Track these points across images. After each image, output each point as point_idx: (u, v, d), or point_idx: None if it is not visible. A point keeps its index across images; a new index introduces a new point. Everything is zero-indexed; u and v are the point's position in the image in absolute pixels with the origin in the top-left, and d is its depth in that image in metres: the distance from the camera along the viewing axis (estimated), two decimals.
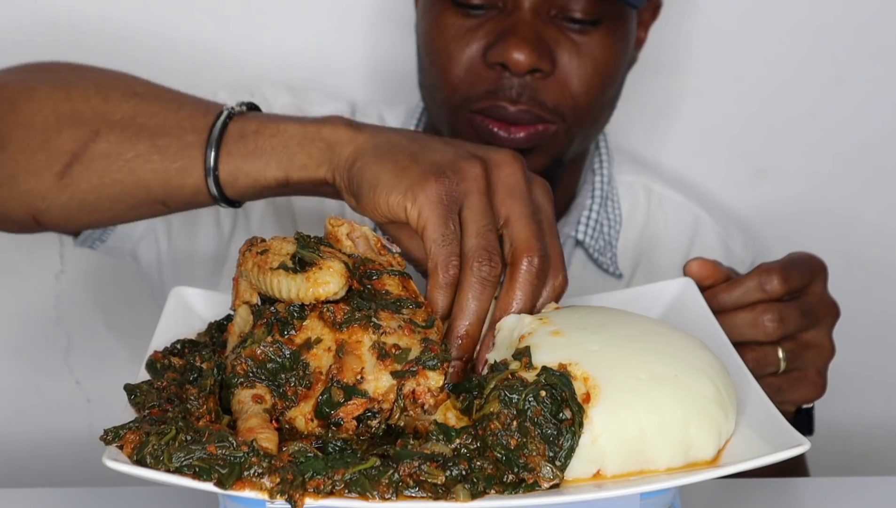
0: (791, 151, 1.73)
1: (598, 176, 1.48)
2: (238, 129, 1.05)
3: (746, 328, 1.08)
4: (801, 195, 1.74)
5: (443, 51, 1.32)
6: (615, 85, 1.36)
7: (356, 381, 0.86)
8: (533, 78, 1.29)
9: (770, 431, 0.86)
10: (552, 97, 1.30)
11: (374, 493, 0.79)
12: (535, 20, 1.29)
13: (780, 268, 1.08)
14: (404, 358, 0.86)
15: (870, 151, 1.73)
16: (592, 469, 0.84)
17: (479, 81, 1.31)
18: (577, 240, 1.46)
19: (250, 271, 0.92)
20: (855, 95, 1.70)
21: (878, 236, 1.75)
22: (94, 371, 1.71)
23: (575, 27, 1.31)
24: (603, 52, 1.32)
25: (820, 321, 1.12)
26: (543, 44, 1.29)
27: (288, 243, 0.91)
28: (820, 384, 1.14)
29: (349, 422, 0.86)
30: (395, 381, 0.86)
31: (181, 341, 0.99)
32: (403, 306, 0.90)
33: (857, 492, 1.17)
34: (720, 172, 1.73)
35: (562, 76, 1.30)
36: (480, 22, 1.31)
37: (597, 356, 0.87)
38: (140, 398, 0.89)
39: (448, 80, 1.32)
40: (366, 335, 0.87)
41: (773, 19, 1.68)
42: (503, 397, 0.84)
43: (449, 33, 1.32)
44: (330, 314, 0.88)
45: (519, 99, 1.29)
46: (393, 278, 0.93)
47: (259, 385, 0.87)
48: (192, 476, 0.80)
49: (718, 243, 1.54)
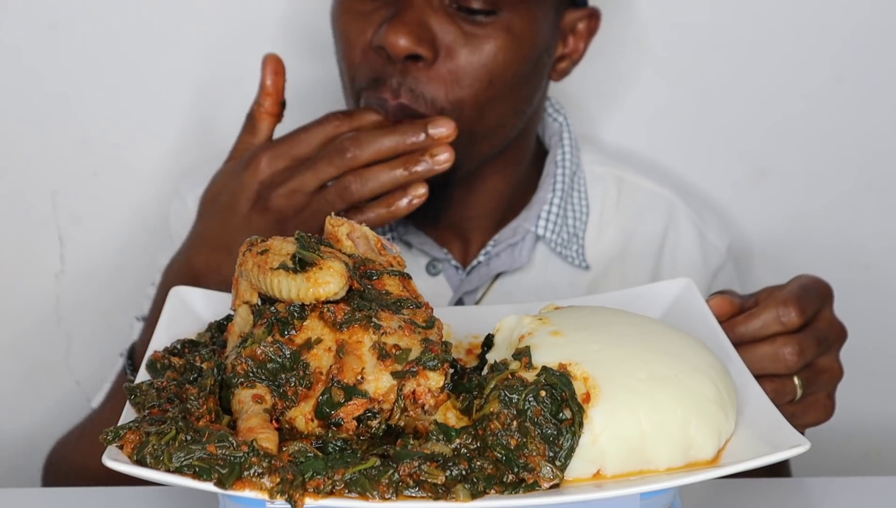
0: (791, 151, 1.73)
1: (560, 169, 1.46)
2: (140, 351, 1.21)
3: (767, 361, 1.08)
4: (801, 195, 1.73)
5: (342, 34, 1.32)
6: (507, 83, 1.31)
7: (356, 381, 0.86)
8: (415, 66, 1.27)
9: (770, 431, 0.86)
10: (433, 89, 1.27)
11: (375, 493, 0.79)
12: (423, 6, 1.27)
13: (797, 300, 1.09)
14: (405, 359, 0.86)
15: (870, 151, 1.73)
16: (592, 469, 0.84)
17: (366, 66, 1.30)
18: (537, 235, 1.45)
19: (250, 271, 0.92)
20: (855, 95, 1.70)
21: (878, 236, 1.75)
22: (94, 371, 1.71)
23: (469, 17, 1.28)
24: (493, 44, 1.28)
25: (831, 345, 1.12)
26: (426, 30, 1.26)
27: (288, 243, 0.91)
28: (830, 407, 1.14)
29: (349, 422, 0.86)
30: (396, 381, 0.86)
31: (181, 340, 0.99)
32: (404, 307, 0.90)
33: (857, 492, 1.17)
34: (720, 172, 1.73)
35: (445, 67, 1.27)
36: (377, 7, 1.30)
37: (597, 356, 0.87)
38: (140, 398, 0.89)
39: (345, 63, 1.32)
40: (366, 336, 0.87)
41: (773, 19, 1.68)
42: (503, 397, 0.84)
43: (347, 17, 1.32)
44: (330, 315, 0.88)
45: (399, 91, 1.27)
46: (393, 279, 0.93)
47: (259, 385, 0.87)
48: (193, 475, 0.80)
49: (692, 229, 1.54)
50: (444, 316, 1.10)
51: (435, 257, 1.44)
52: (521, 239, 1.44)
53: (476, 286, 1.44)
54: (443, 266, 1.45)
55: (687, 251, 1.53)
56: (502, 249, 1.44)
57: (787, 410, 1.11)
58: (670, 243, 1.53)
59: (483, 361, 0.96)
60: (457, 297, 1.43)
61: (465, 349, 1.07)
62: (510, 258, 1.44)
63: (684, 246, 1.53)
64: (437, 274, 1.45)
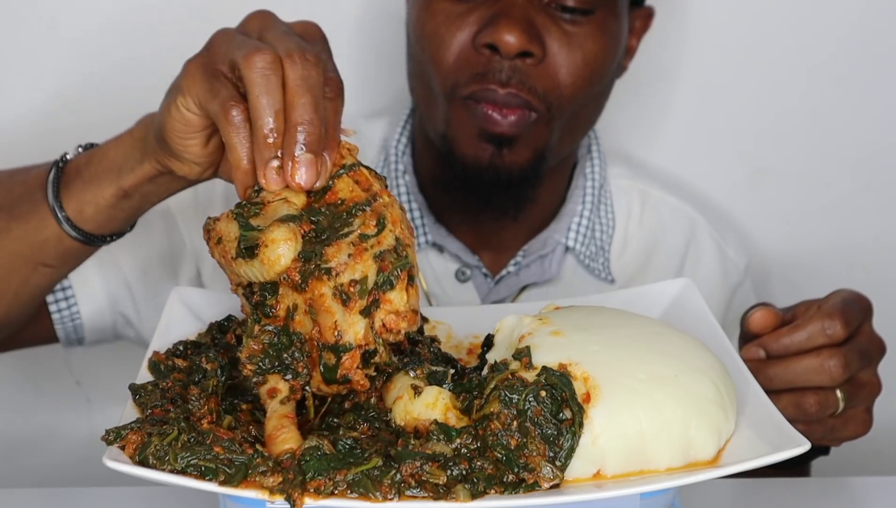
0: (791, 151, 1.73)
1: (589, 181, 1.48)
2: (73, 168, 1.13)
3: (812, 373, 1.08)
4: (801, 195, 1.74)
5: (433, 36, 1.32)
6: (603, 81, 1.36)
7: (336, 338, 0.85)
8: (523, 63, 1.29)
9: (770, 431, 0.86)
10: (542, 84, 1.30)
11: (377, 494, 0.79)
12: (526, 5, 1.30)
13: (841, 313, 1.09)
14: (365, 290, 0.85)
15: (870, 151, 1.73)
16: (592, 469, 0.84)
17: (468, 65, 1.31)
18: (567, 247, 1.45)
19: (221, 264, 0.91)
20: (855, 95, 1.70)
21: (878, 236, 1.75)
22: (94, 371, 1.71)
23: (566, 17, 1.31)
24: (593, 44, 1.32)
25: (872, 359, 1.13)
26: (534, 28, 1.29)
27: (231, 224, 0.89)
28: (869, 422, 1.15)
29: (356, 374, 0.85)
30: (366, 321, 0.85)
31: (183, 342, 0.99)
32: (355, 215, 0.87)
33: (857, 492, 1.17)
34: (719, 172, 1.73)
35: (551, 64, 1.30)
36: (471, 7, 1.31)
37: (597, 356, 0.87)
38: (144, 398, 0.89)
39: (438, 65, 1.32)
40: (324, 286, 0.85)
41: (773, 19, 1.68)
42: (503, 397, 0.84)
43: (439, 18, 1.32)
44: (288, 280, 0.87)
45: (508, 82, 1.29)
46: (342, 180, 0.90)
47: (270, 376, 0.87)
48: (198, 476, 0.80)
49: (713, 246, 1.54)
50: (445, 316, 1.10)
51: (466, 264, 1.44)
52: (551, 251, 1.44)
53: (504, 297, 1.44)
54: (472, 274, 1.44)
55: (707, 267, 1.53)
56: (532, 260, 1.44)
57: (827, 423, 1.11)
58: (691, 259, 1.53)
59: (483, 361, 0.96)
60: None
61: (465, 349, 1.07)
62: (540, 270, 1.44)
63: (705, 262, 1.54)
64: (466, 281, 1.44)
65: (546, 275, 1.43)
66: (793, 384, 1.08)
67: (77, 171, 1.12)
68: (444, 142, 1.35)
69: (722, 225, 1.59)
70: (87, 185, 1.10)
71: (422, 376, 0.90)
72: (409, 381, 0.89)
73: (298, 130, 0.87)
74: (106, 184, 1.09)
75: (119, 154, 1.09)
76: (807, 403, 1.07)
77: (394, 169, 1.46)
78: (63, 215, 1.11)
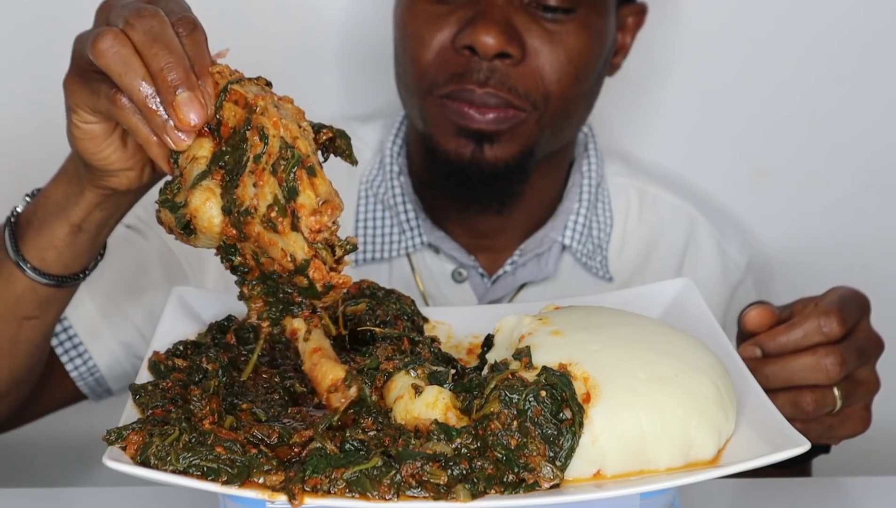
0: (791, 151, 1.73)
1: (586, 179, 1.48)
2: (24, 219, 1.13)
3: (809, 371, 1.07)
4: (801, 195, 1.74)
5: (414, 36, 1.33)
6: (590, 78, 1.36)
7: (291, 261, 0.86)
8: (502, 63, 1.30)
9: (770, 431, 0.86)
10: (523, 84, 1.31)
11: (375, 493, 0.79)
12: (506, 6, 1.30)
13: (838, 310, 1.08)
14: (282, 207, 0.85)
15: (870, 151, 1.73)
16: (592, 469, 0.84)
17: (447, 65, 1.31)
18: (563, 245, 1.45)
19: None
20: (855, 95, 1.70)
21: (878, 236, 1.75)
22: None
23: (548, 16, 1.31)
24: (576, 41, 1.32)
25: (870, 357, 1.12)
26: (513, 29, 1.30)
27: (164, 211, 0.92)
28: (867, 419, 1.14)
29: (332, 277, 0.86)
30: (299, 234, 0.84)
31: (183, 342, 0.99)
32: (245, 140, 0.87)
33: (857, 492, 1.17)
34: (720, 172, 1.73)
35: (533, 64, 1.31)
36: (453, 9, 1.32)
37: (597, 356, 0.87)
38: (144, 399, 0.89)
39: (417, 65, 1.33)
40: (255, 225, 0.86)
41: (773, 19, 1.68)
42: (503, 397, 0.84)
43: (420, 20, 1.33)
44: (229, 238, 0.89)
45: (487, 82, 1.30)
46: (226, 108, 0.89)
47: (284, 322, 0.92)
48: (200, 476, 0.80)
49: (713, 245, 1.54)
50: (445, 316, 1.10)
51: (462, 264, 1.44)
52: (547, 249, 1.44)
53: (501, 296, 1.44)
54: (468, 274, 1.44)
55: (707, 266, 1.53)
56: (529, 259, 1.44)
57: (825, 421, 1.11)
58: (691, 258, 1.53)
59: (483, 361, 0.96)
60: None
61: (465, 349, 1.07)
62: (536, 268, 1.44)
63: (704, 260, 1.53)
64: (463, 282, 1.44)
65: (543, 273, 1.43)
66: (789, 382, 1.08)
67: (28, 221, 1.12)
68: (427, 138, 1.37)
69: (722, 223, 1.59)
70: (39, 232, 1.10)
71: (422, 375, 0.90)
72: (410, 381, 0.89)
73: (164, 77, 0.88)
74: (56, 225, 1.09)
75: (59, 193, 1.09)
76: (804, 401, 1.07)
77: (389, 171, 1.46)
78: (28, 265, 1.11)
